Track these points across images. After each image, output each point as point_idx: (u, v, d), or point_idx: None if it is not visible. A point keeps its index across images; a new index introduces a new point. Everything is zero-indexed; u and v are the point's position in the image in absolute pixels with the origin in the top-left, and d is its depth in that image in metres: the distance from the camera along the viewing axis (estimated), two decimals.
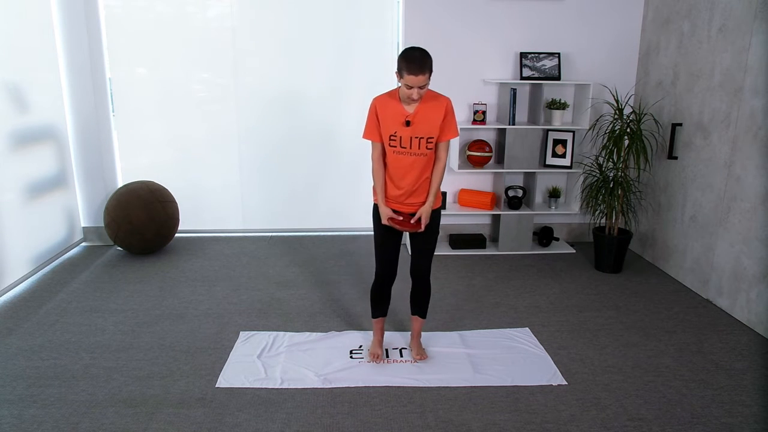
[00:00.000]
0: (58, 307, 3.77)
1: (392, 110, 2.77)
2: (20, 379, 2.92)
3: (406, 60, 2.60)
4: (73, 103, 4.74)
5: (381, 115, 2.78)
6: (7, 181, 4.00)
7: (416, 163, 2.80)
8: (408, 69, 2.59)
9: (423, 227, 2.86)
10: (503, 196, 4.85)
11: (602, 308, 3.80)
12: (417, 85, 2.62)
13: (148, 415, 2.64)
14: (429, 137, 2.77)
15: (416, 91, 2.63)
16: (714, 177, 3.85)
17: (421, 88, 2.64)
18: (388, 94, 2.81)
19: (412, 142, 2.76)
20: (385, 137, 2.79)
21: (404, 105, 2.76)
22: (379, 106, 2.79)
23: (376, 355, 3.11)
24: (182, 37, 4.91)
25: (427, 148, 2.78)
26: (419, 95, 2.65)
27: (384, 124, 2.77)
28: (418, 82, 2.61)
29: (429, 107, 2.76)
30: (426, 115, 2.75)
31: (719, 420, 2.62)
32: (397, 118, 2.75)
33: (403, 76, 2.63)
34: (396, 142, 2.77)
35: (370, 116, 2.82)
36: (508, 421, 2.60)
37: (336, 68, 5.00)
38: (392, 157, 2.81)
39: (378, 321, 3.15)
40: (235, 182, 5.22)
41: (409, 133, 2.75)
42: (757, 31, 3.46)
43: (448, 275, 4.35)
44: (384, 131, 2.78)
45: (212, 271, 4.41)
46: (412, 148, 2.77)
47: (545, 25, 4.75)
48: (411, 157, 2.78)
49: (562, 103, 4.73)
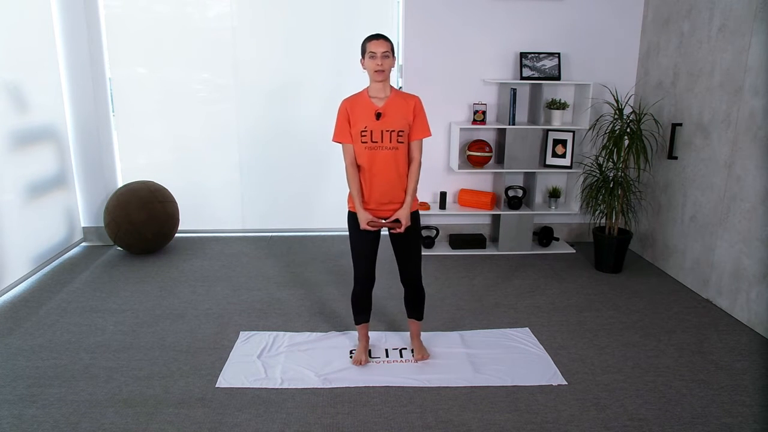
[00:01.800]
0: (58, 307, 3.77)
1: (362, 106, 2.83)
2: (20, 379, 2.92)
3: (366, 38, 2.83)
4: (73, 103, 4.74)
5: (351, 113, 2.83)
6: (7, 181, 4.00)
7: (388, 159, 2.81)
8: (368, 39, 2.80)
9: (403, 229, 2.86)
10: (503, 196, 4.85)
11: (602, 308, 3.80)
12: (380, 51, 2.74)
13: (148, 415, 2.64)
14: (400, 130, 2.80)
15: (380, 58, 2.74)
16: (714, 177, 3.85)
17: (385, 58, 2.74)
18: (355, 95, 2.89)
19: (383, 135, 2.79)
20: (355, 134, 2.82)
21: (373, 100, 2.82)
22: (348, 105, 2.85)
23: (359, 361, 3.09)
24: (182, 37, 4.91)
25: (398, 141, 2.81)
26: (384, 65, 2.75)
27: (355, 121, 2.82)
28: (381, 46, 2.74)
29: (399, 102, 2.84)
30: (396, 108, 2.81)
31: (719, 420, 2.62)
32: (367, 113, 2.81)
33: (366, 50, 2.78)
34: (367, 137, 2.80)
35: (340, 118, 2.86)
36: (508, 421, 2.60)
37: (336, 68, 4.99)
38: (364, 154, 2.82)
39: (362, 327, 3.14)
40: (235, 182, 5.23)
41: (380, 126, 2.79)
42: (757, 31, 3.46)
43: (448, 275, 4.35)
44: (354, 128, 2.82)
45: (212, 271, 4.41)
46: (383, 141, 2.80)
47: (545, 25, 4.75)
48: (383, 152, 2.81)
49: (562, 103, 4.73)
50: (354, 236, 2.97)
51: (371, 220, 2.85)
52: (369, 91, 2.85)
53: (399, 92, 2.87)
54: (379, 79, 2.79)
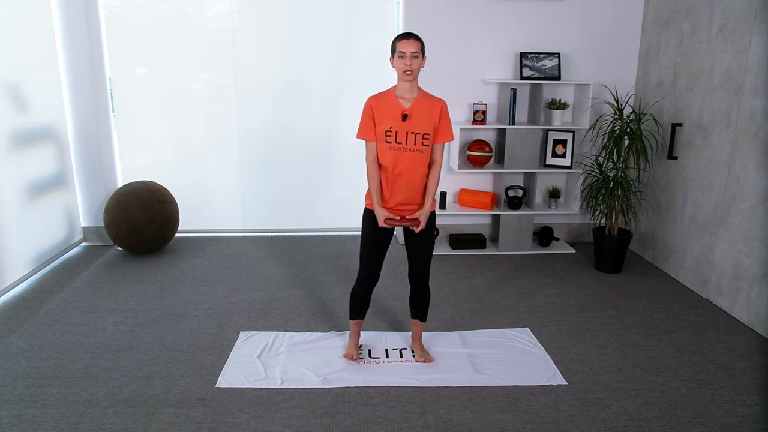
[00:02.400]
0: (58, 307, 3.77)
1: (388, 106, 2.79)
2: (20, 379, 2.92)
3: (397, 36, 2.79)
4: (73, 103, 4.74)
5: (377, 112, 2.79)
6: (7, 181, 4.00)
7: (411, 161, 2.79)
8: (399, 38, 2.75)
9: (419, 229, 2.85)
10: (503, 196, 4.85)
11: (602, 308, 3.80)
12: (409, 50, 2.70)
13: (148, 415, 2.64)
14: (425, 133, 2.77)
15: (409, 58, 2.71)
16: (714, 177, 3.85)
17: (415, 58, 2.71)
18: (382, 93, 2.85)
19: (408, 137, 2.77)
20: (380, 134, 2.79)
21: (400, 101, 2.79)
22: (374, 104, 2.81)
23: (351, 356, 3.10)
24: (182, 37, 4.91)
25: (423, 144, 2.78)
26: (413, 66, 2.72)
27: (380, 120, 2.78)
28: (410, 46, 2.71)
29: (425, 104, 2.80)
30: (422, 110, 2.78)
31: (719, 420, 2.62)
32: (393, 113, 2.77)
33: (395, 49, 2.75)
34: (392, 138, 2.77)
35: (365, 115, 2.82)
36: (508, 421, 2.60)
37: (336, 68, 4.99)
38: (387, 155, 2.80)
39: (356, 323, 3.15)
40: (235, 182, 5.23)
41: (405, 128, 2.76)
42: (757, 31, 3.46)
43: (448, 275, 4.35)
44: (379, 128, 2.79)
45: (212, 271, 4.41)
46: (407, 143, 2.77)
47: (545, 25, 4.75)
48: (406, 153, 2.78)
49: (562, 103, 4.73)
50: (366, 234, 2.95)
51: (389, 217, 2.84)
52: (396, 90, 2.81)
53: (426, 94, 2.84)
54: (407, 80, 2.75)
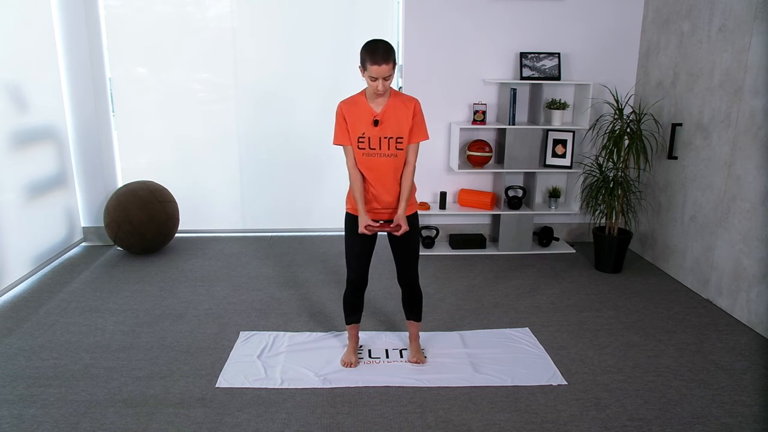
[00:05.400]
0: (58, 307, 3.77)
1: (359, 111, 2.74)
2: (20, 379, 2.92)
3: (369, 51, 2.58)
4: (73, 103, 4.74)
5: (348, 117, 2.74)
6: (7, 181, 4.00)
7: (387, 166, 2.76)
8: (371, 59, 2.56)
9: (401, 232, 2.81)
10: (503, 196, 4.85)
11: (602, 308, 3.80)
12: (381, 76, 2.58)
13: (148, 415, 2.64)
14: (398, 137, 2.73)
15: (381, 82, 2.60)
16: (714, 177, 3.85)
17: (386, 80, 2.61)
18: (353, 97, 2.79)
19: (381, 142, 2.73)
20: (353, 139, 2.75)
21: (371, 105, 2.73)
22: (345, 109, 2.75)
23: (349, 363, 3.07)
24: (182, 37, 4.91)
25: (396, 148, 2.74)
26: (384, 87, 2.62)
27: (352, 126, 2.74)
28: (382, 72, 2.57)
29: (397, 107, 2.73)
30: (394, 114, 2.73)
31: (719, 420, 2.62)
32: (364, 119, 2.73)
33: (366, 68, 2.60)
34: (365, 144, 2.74)
35: (338, 121, 2.76)
36: (508, 421, 2.60)
37: (336, 68, 4.99)
38: (363, 161, 2.77)
39: (352, 327, 3.12)
40: (235, 182, 5.23)
41: (378, 133, 2.72)
42: (757, 31, 3.46)
43: (448, 275, 4.35)
44: (352, 133, 2.74)
45: (212, 271, 4.41)
46: (381, 148, 2.74)
47: (545, 25, 4.75)
48: (381, 159, 2.75)
49: (562, 103, 4.73)
50: (350, 238, 2.94)
51: (369, 224, 2.80)
52: (367, 94, 2.75)
53: (398, 94, 2.77)
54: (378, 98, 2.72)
